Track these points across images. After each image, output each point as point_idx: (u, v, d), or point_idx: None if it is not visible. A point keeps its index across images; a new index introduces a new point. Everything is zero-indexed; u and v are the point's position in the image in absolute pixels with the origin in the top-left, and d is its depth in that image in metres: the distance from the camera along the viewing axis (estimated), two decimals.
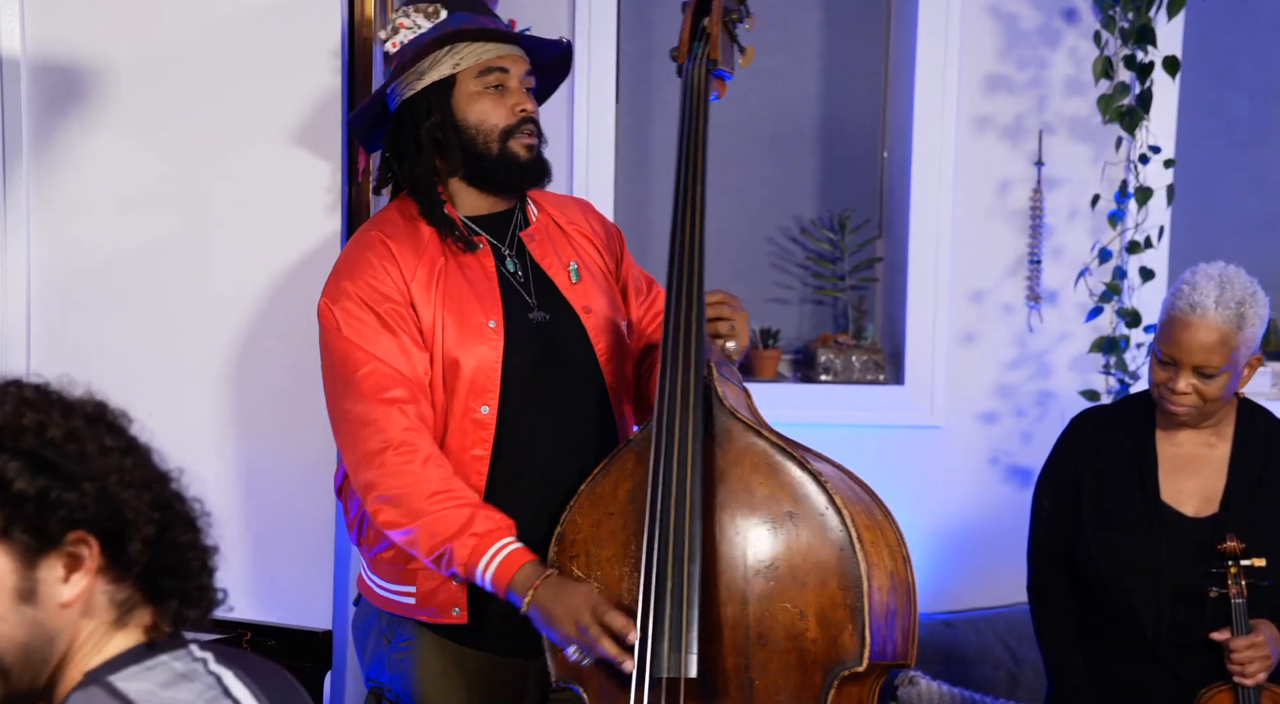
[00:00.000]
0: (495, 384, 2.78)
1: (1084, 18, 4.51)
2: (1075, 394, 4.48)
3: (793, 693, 2.53)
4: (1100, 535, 3.29)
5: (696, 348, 2.65)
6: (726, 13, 2.82)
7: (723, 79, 2.88)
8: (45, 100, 3.17)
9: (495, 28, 2.84)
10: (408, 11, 2.81)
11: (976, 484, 4.62)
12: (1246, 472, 3.27)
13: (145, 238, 3.20)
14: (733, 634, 2.56)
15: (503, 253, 2.86)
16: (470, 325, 2.77)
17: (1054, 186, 4.57)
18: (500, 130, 2.80)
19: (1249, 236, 4.84)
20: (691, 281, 2.70)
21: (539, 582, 2.61)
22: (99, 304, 3.20)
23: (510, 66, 2.82)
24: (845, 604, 2.51)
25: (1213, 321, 3.12)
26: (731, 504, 2.60)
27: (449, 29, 2.79)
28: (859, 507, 2.60)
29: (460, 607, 2.80)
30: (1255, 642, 3.13)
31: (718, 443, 2.64)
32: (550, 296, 2.87)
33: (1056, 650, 3.36)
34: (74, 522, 1.72)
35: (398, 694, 2.91)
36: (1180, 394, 3.17)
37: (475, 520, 2.66)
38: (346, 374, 2.73)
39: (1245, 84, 4.82)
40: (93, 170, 3.19)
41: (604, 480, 2.71)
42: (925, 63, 4.50)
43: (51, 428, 1.73)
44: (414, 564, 2.82)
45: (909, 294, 4.57)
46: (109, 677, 1.76)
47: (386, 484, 2.69)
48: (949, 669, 4.23)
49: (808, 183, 4.77)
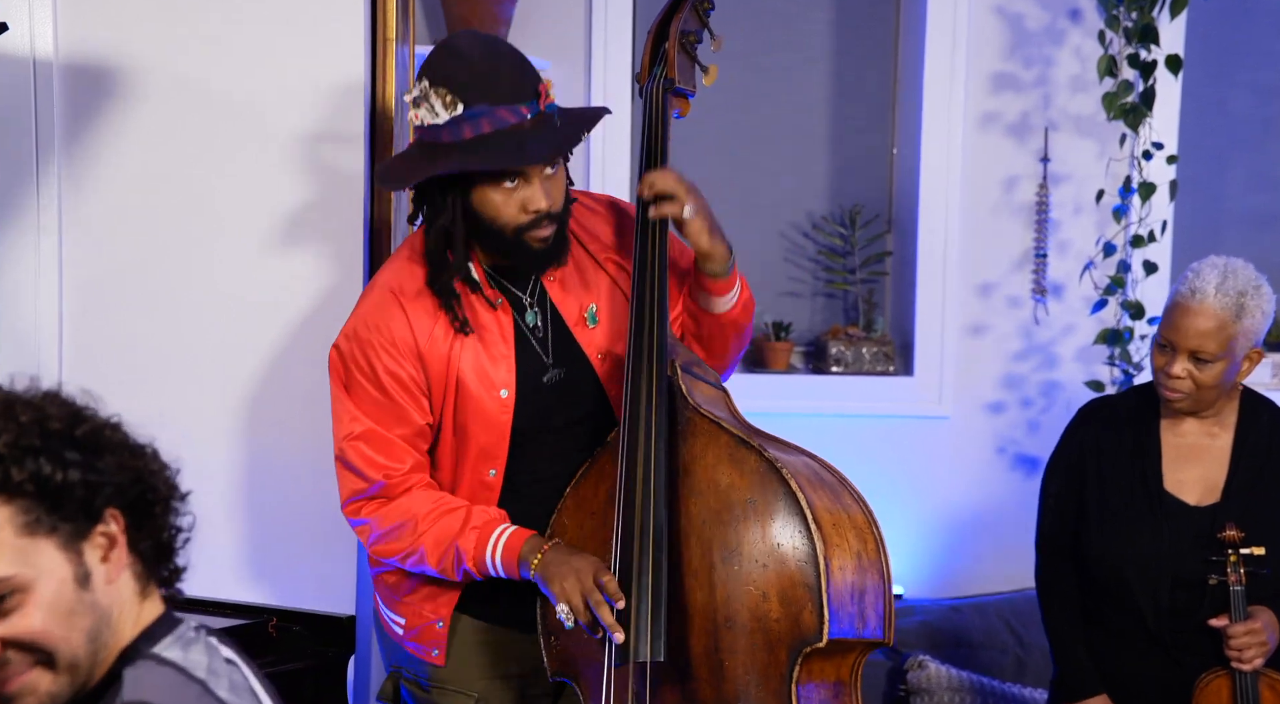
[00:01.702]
0: (504, 452, 2.79)
1: (1088, 17, 4.50)
2: (1080, 385, 4.47)
3: (760, 671, 2.58)
4: (1104, 523, 3.28)
5: (659, 347, 2.68)
6: (684, 35, 2.88)
7: (685, 97, 2.91)
8: (77, 102, 3.17)
9: (513, 128, 2.60)
10: (428, 93, 2.60)
11: (984, 473, 4.62)
12: (1248, 462, 3.26)
13: (175, 237, 3.20)
14: (701, 618, 2.61)
15: (524, 303, 2.80)
16: (482, 397, 2.75)
17: (1059, 182, 4.57)
18: (514, 227, 2.66)
19: (1251, 231, 4.84)
20: (653, 285, 2.72)
21: (548, 546, 2.66)
22: (130, 302, 3.20)
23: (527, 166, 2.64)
24: (803, 583, 2.55)
25: (1211, 307, 3.11)
26: (697, 495, 2.65)
27: (465, 129, 2.59)
28: (821, 491, 2.64)
29: (440, 650, 2.85)
30: (1253, 628, 3.13)
31: (682, 438, 2.68)
32: (567, 347, 2.82)
33: (1061, 635, 3.35)
34: (107, 499, 1.75)
35: (415, 675, 2.92)
36: (1175, 378, 3.15)
37: (472, 516, 2.72)
38: (344, 428, 2.75)
39: (1246, 81, 4.81)
40: (124, 171, 3.18)
41: (585, 483, 2.78)
42: (933, 62, 4.50)
43: (61, 420, 1.75)
44: (406, 597, 2.86)
45: (918, 287, 4.57)
46: (151, 649, 1.79)
47: (379, 524, 2.75)
48: (957, 653, 4.23)
49: (819, 179, 4.76)
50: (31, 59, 3.15)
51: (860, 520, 2.66)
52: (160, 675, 1.77)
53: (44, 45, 3.14)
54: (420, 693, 2.92)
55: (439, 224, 2.69)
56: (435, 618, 2.84)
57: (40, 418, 1.73)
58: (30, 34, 3.14)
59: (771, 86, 4.60)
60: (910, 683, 4.10)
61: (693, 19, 2.91)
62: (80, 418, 1.77)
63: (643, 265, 2.74)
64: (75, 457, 1.73)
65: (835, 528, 2.60)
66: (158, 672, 1.77)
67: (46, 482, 1.71)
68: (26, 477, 1.70)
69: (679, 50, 2.87)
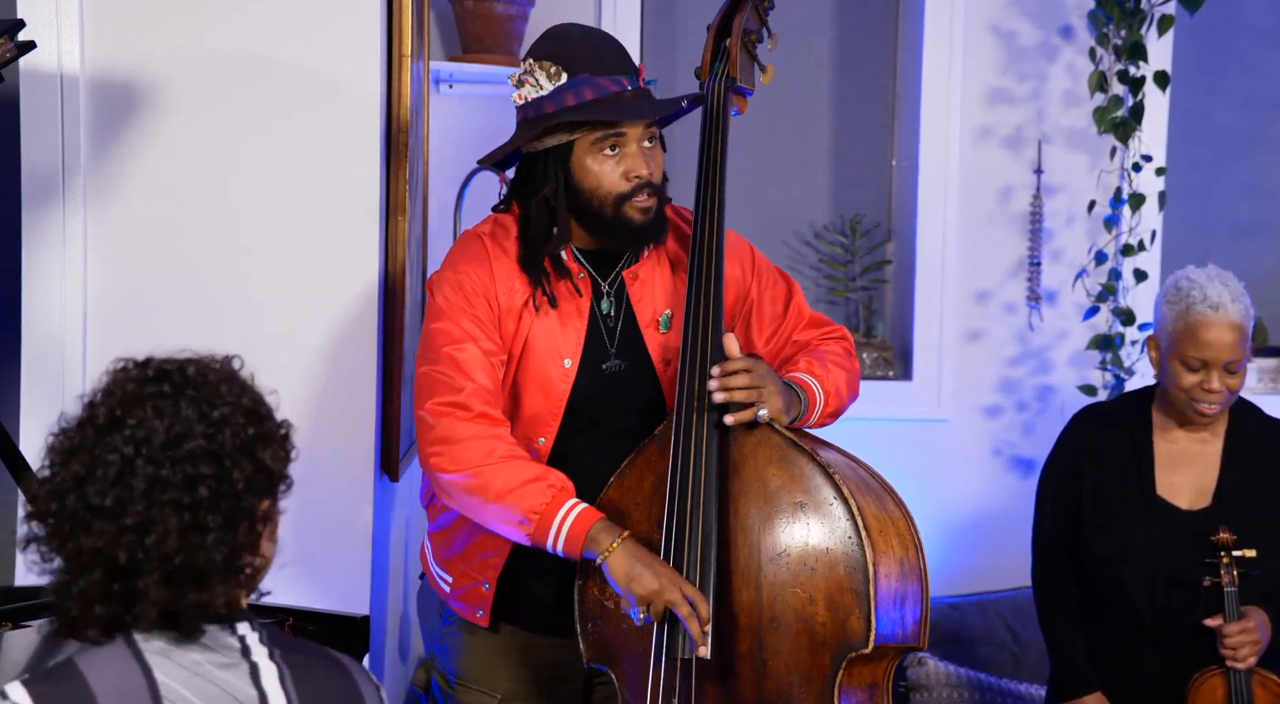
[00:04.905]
0: (556, 420, 2.69)
1: (1080, 35, 4.48)
2: (1074, 389, 4.46)
3: (803, 673, 2.51)
4: (1100, 527, 3.24)
5: (714, 344, 2.61)
6: (746, 34, 2.81)
7: (744, 96, 2.85)
8: (103, 117, 3.13)
9: (615, 95, 2.62)
10: (532, 68, 2.63)
11: (981, 474, 4.59)
12: (1237, 467, 3.22)
13: (198, 250, 3.16)
14: (747, 617, 2.54)
15: (602, 290, 2.73)
16: (545, 362, 2.67)
17: (1052, 193, 4.54)
18: (615, 196, 2.62)
19: (1238, 240, 4.83)
20: (710, 281, 2.65)
21: (623, 536, 2.52)
22: (155, 314, 3.16)
23: (628, 130, 2.62)
24: (852, 589, 2.48)
25: (1233, 318, 3.09)
26: (746, 495, 2.57)
27: (568, 97, 2.60)
28: (869, 497, 2.57)
29: (484, 611, 2.75)
30: (1246, 627, 3.09)
31: (733, 436, 2.60)
32: (633, 344, 2.74)
33: (1058, 634, 3.30)
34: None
35: (445, 669, 2.86)
36: (1215, 393, 3.10)
37: (550, 474, 2.57)
38: (438, 343, 2.64)
39: (1232, 96, 4.80)
40: (148, 185, 3.14)
41: (630, 473, 2.68)
42: (931, 77, 4.48)
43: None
44: (453, 557, 2.77)
45: (917, 294, 4.54)
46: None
47: (457, 433, 2.57)
48: (956, 650, 4.19)
49: (821, 190, 4.73)
50: (59, 76, 3.11)
51: (903, 526, 2.59)
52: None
53: (71, 62, 3.11)
54: (446, 688, 2.86)
55: (541, 195, 2.64)
56: (481, 580, 2.74)
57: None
58: (58, 51, 3.11)
59: (775, 100, 4.56)
60: (910, 679, 4.05)
61: (754, 18, 2.84)
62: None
63: (702, 252, 2.65)
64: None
65: (881, 534, 2.53)
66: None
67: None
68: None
69: (740, 48, 2.79)
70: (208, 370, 1.78)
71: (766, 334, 2.85)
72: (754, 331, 2.85)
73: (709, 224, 2.68)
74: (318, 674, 1.81)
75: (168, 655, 1.71)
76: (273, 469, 1.78)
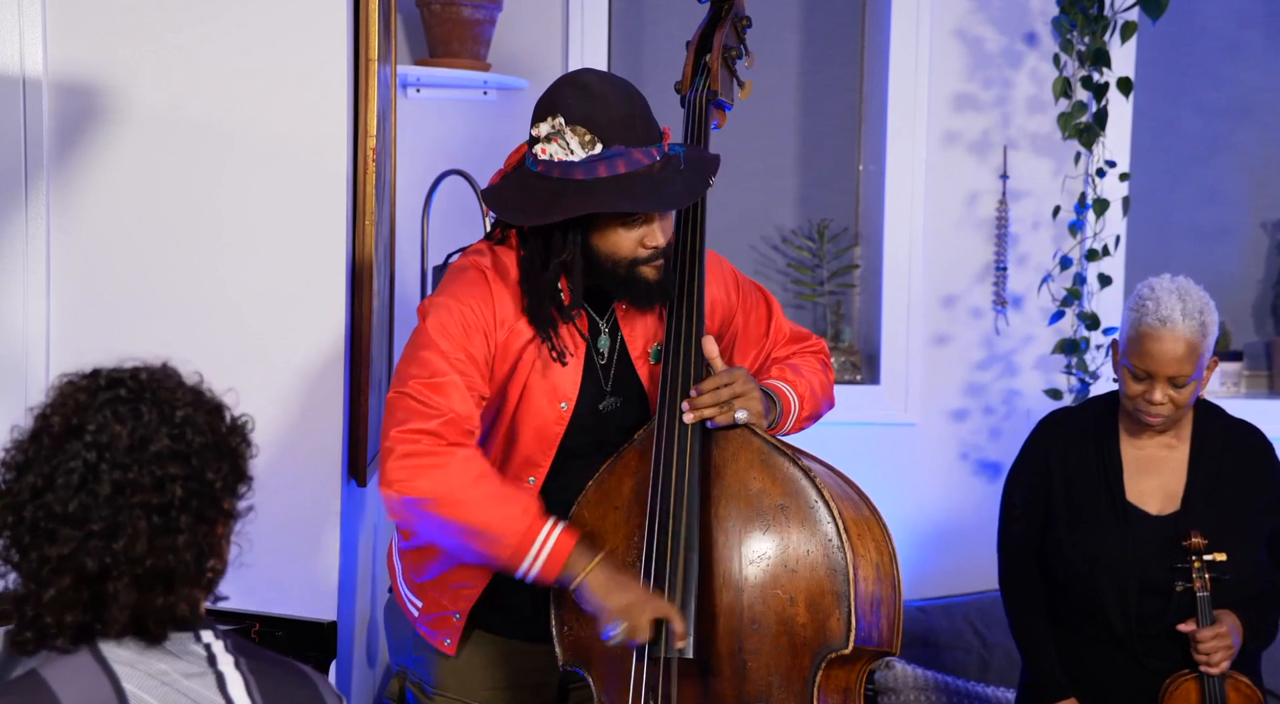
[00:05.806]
0: (548, 459, 2.65)
1: (1044, 41, 4.47)
2: (1040, 392, 4.45)
3: (783, 674, 2.51)
4: (1069, 533, 3.20)
5: (695, 348, 2.61)
6: (726, 50, 2.83)
7: (723, 110, 2.86)
8: (66, 120, 3.07)
9: (647, 170, 2.53)
10: (563, 130, 2.52)
11: (948, 478, 4.57)
12: (1205, 470, 3.19)
13: (161, 250, 3.11)
14: (728, 619, 2.53)
15: (599, 327, 2.69)
16: (543, 405, 2.62)
17: (1018, 198, 4.53)
18: (629, 260, 2.57)
19: (1200, 245, 4.83)
20: (692, 286, 2.65)
21: (599, 558, 2.49)
22: (117, 317, 3.11)
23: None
24: (832, 590, 2.49)
25: (1181, 333, 3.03)
26: (727, 498, 2.57)
27: (600, 167, 2.51)
28: (847, 502, 2.57)
29: (452, 640, 2.71)
30: (1219, 632, 3.05)
31: (714, 440, 2.60)
32: (627, 378, 2.70)
33: (1029, 639, 3.27)
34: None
35: (420, 679, 2.81)
36: (1157, 405, 3.07)
37: (523, 496, 2.53)
38: (415, 371, 2.54)
39: (1195, 102, 4.80)
40: (111, 188, 3.09)
41: (609, 477, 2.65)
42: (897, 82, 4.46)
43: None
44: (425, 584, 2.73)
45: (884, 299, 4.52)
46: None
47: (434, 459, 2.49)
48: (923, 653, 4.17)
49: (789, 194, 4.70)
50: (21, 78, 3.06)
51: (878, 533, 2.60)
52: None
53: (34, 64, 3.05)
54: (423, 697, 2.81)
55: (558, 260, 2.57)
56: (453, 610, 2.70)
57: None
58: (20, 53, 3.05)
59: (742, 105, 4.49)
60: (878, 682, 4.02)
61: (733, 35, 2.86)
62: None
63: (683, 258, 2.65)
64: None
65: (860, 538, 2.54)
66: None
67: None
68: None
69: (721, 63, 2.80)
70: (158, 374, 1.78)
71: (750, 356, 2.85)
72: (738, 356, 2.84)
73: (693, 225, 2.69)
74: (283, 684, 1.80)
75: (134, 665, 1.69)
76: (240, 466, 1.78)
